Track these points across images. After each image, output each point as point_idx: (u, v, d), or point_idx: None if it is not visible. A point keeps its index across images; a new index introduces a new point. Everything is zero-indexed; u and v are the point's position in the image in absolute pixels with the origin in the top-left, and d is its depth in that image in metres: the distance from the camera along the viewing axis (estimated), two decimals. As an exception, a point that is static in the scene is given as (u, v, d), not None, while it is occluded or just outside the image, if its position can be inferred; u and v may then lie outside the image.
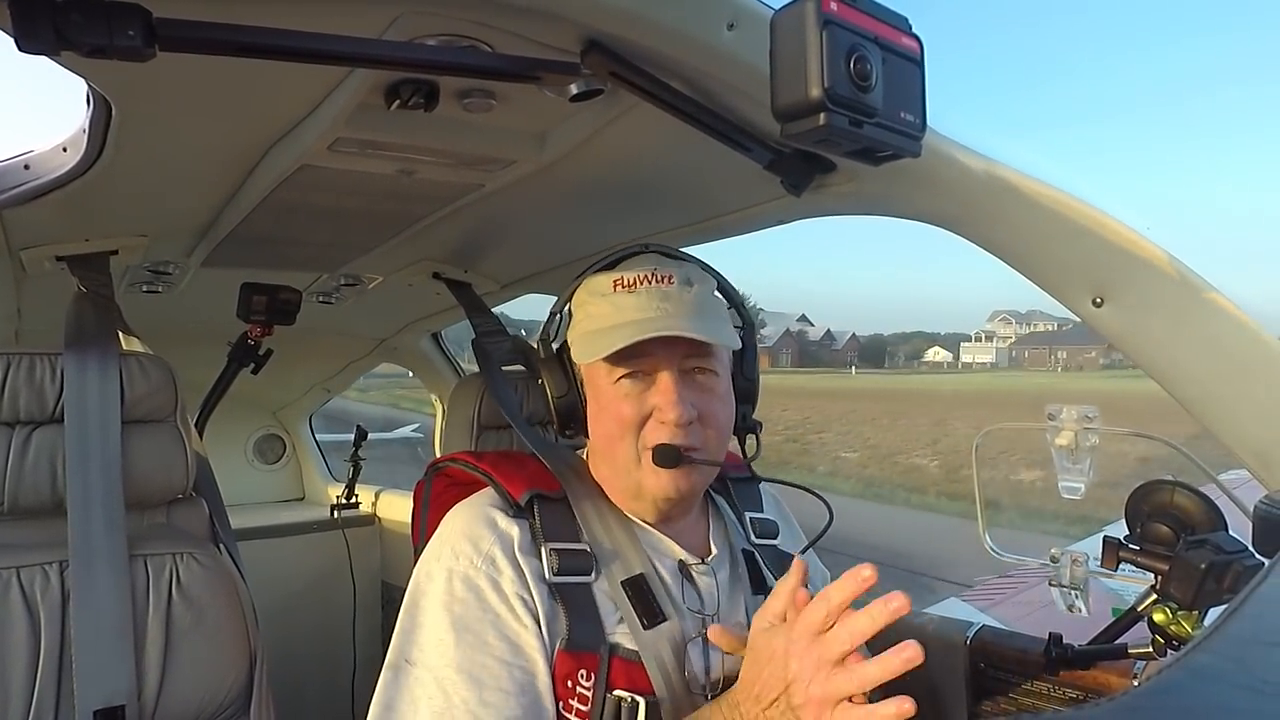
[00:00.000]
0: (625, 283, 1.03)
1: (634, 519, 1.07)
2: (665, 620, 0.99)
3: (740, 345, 1.07)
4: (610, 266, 1.08)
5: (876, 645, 0.79)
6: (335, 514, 2.81)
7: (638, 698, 0.95)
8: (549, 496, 1.05)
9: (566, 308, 1.10)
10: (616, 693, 0.95)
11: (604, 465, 1.08)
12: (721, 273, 1.13)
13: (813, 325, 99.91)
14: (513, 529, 1.01)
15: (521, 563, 0.98)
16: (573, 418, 1.09)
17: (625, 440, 1.01)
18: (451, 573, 0.97)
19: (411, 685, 0.93)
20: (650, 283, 1.02)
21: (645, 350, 0.98)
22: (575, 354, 1.06)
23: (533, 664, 0.93)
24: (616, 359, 0.99)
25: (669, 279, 1.03)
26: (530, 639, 0.94)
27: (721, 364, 1.05)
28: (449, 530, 1.02)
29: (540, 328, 1.16)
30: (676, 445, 0.99)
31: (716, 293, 1.10)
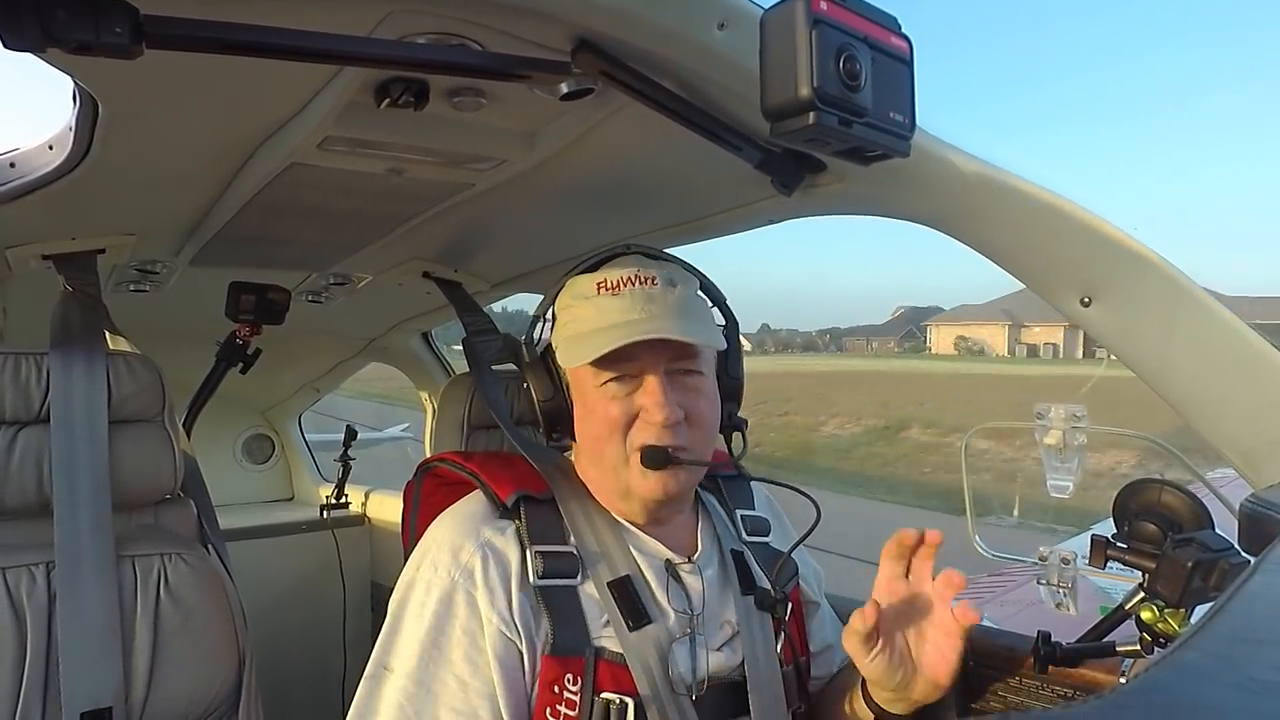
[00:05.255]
0: (609, 285, 1.02)
1: (621, 520, 1.07)
2: (651, 622, 0.99)
3: (725, 345, 1.08)
4: (593, 269, 1.07)
5: None
6: (325, 514, 2.80)
7: (626, 699, 0.95)
8: (536, 498, 1.05)
9: (550, 310, 1.10)
10: (604, 695, 0.95)
11: (592, 467, 1.08)
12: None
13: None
14: (497, 536, 1.01)
15: (504, 571, 0.98)
16: (559, 421, 1.09)
17: (613, 442, 1.01)
18: (429, 584, 0.98)
19: (385, 692, 0.95)
20: (634, 284, 1.02)
21: (631, 353, 0.98)
22: (561, 358, 1.05)
23: (489, 686, 0.94)
24: (603, 363, 0.99)
25: (652, 280, 1.02)
26: (492, 661, 0.94)
27: (707, 364, 1.05)
28: (431, 540, 1.03)
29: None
30: (664, 446, 0.99)
31: (699, 293, 1.10)
